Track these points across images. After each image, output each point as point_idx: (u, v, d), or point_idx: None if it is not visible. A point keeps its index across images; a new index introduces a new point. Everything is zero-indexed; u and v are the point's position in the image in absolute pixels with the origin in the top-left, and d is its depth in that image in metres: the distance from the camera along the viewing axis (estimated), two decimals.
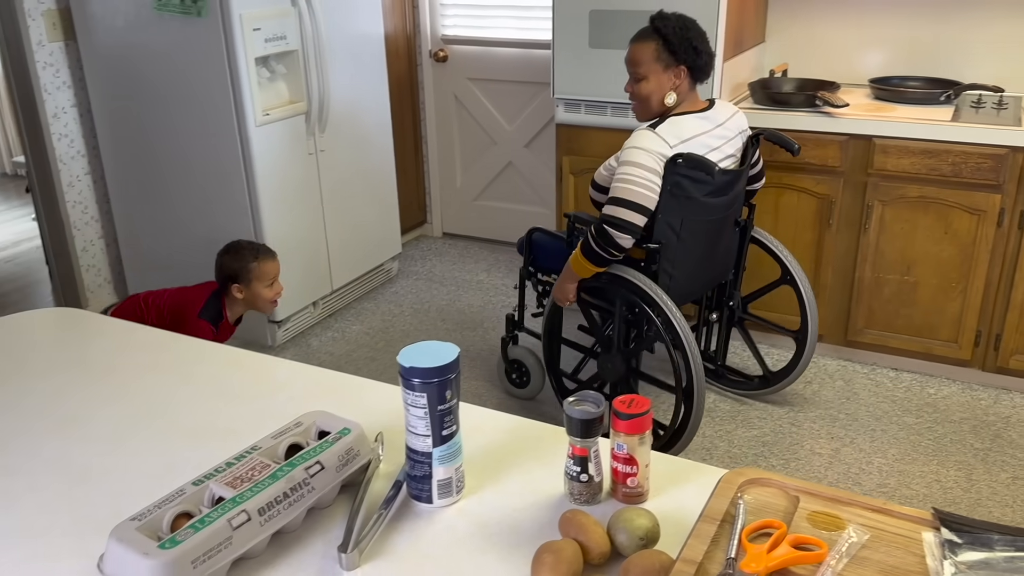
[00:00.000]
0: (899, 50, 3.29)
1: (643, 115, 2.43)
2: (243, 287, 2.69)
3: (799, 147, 2.54)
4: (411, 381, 1.03)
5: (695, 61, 2.33)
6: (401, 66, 4.20)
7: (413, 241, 4.55)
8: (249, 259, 2.68)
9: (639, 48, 2.37)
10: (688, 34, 2.32)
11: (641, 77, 2.37)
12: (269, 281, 2.72)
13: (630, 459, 1.09)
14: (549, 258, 2.78)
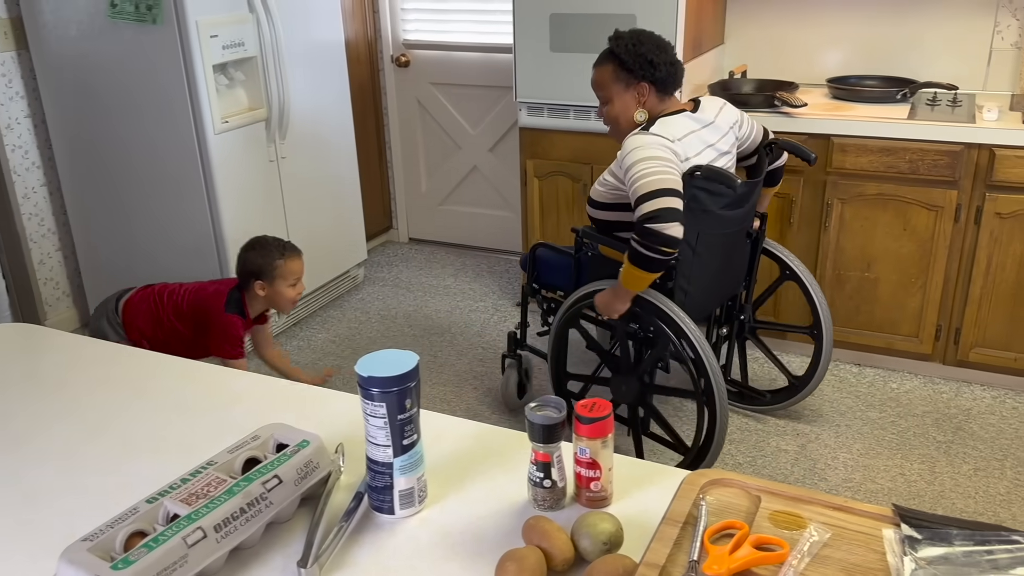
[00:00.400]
0: (856, 50, 3.33)
1: (618, 136, 2.37)
2: (266, 284, 2.61)
3: (816, 156, 2.48)
4: (370, 391, 1.02)
5: (654, 75, 2.28)
6: (363, 71, 4.17)
7: (379, 247, 4.52)
8: (275, 256, 2.60)
9: (599, 72, 2.34)
10: (641, 49, 2.27)
11: (606, 100, 2.35)
12: (293, 280, 2.64)
13: (593, 463, 1.08)
14: (554, 274, 2.69)
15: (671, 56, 2.30)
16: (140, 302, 2.63)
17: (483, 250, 4.43)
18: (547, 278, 2.72)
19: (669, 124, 2.25)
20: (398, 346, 3.46)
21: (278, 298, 2.65)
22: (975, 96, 3.12)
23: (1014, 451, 2.67)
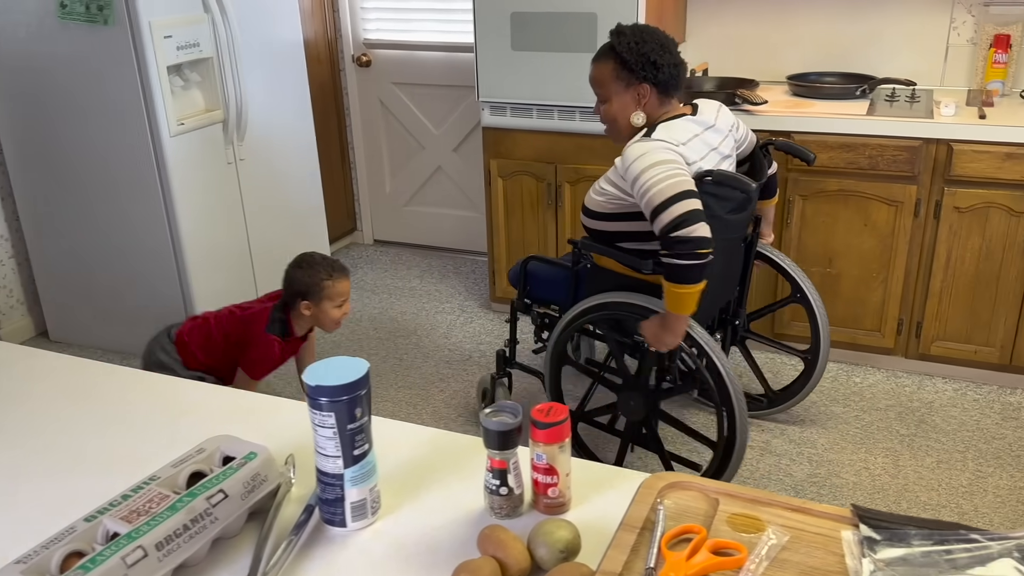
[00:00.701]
0: (815, 46, 3.35)
1: (615, 137, 2.28)
2: (312, 304, 2.54)
3: (815, 156, 2.45)
4: (318, 400, 0.99)
5: (656, 76, 2.15)
6: (323, 72, 4.12)
7: (344, 249, 4.47)
8: (322, 276, 2.53)
9: (598, 68, 2.22)
10: (644, 48, 2.13)
11: (604, 99, 2.23)
12: (340, 301, 2.57)
13: (550, 469, 1.06)
14: (548, 288, 2.57)
15: (675, 56, 2.17)
16: (191, 332, 2.59)
17: (449, 251, 4.40)
18: (540, 293, 2.60)
19: (672, 128, 2.15)
20: (363, 349, 3.42)
21: (323, 318, 2.58)
22: (933, 91, 3.15)
23: (975, 443, 2.70)
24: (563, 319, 2.40)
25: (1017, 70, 3.11)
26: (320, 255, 2.61)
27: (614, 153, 3.19)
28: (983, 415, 2.84)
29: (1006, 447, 2.67)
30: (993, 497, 2.45)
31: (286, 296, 2.59)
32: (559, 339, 2.44)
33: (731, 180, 2.11)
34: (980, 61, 3.13)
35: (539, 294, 2.61)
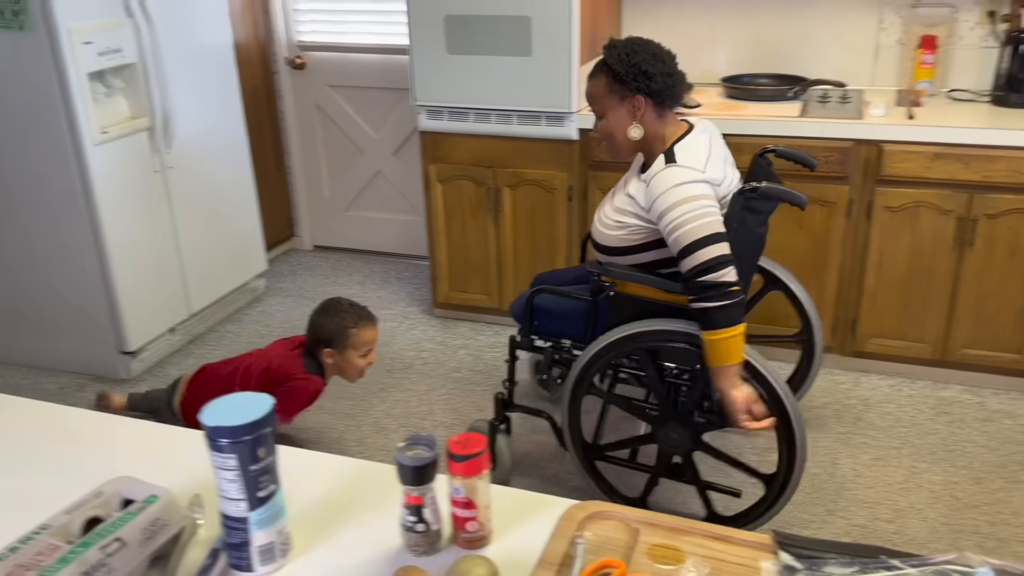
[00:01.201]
0: (749, 48, 3.37)
1: (614, 154, 2.19)
2: (335, 352, 2.44)
3: (817, 162, 2.37)
4: (218, 442, 0.94)
5: (649, 86, 2.06)
6: (255, 75, 4.02)
7: (281, 256, 4.38)
8: (348, 323, 2.43)
9: (592, 85, 2.14)
10: (635, 59, 2.06)
11: (601, 114, 2.15)
12: (365, 350, 2.47)
13: (468, 503, 1.03)
14: (560, 322, 2.38)
15: (669, 67, 2.09)
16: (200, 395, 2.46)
17: (391, 256, 4.33)
18: (551, 327, 2.40)
19: (689, 149, 2.06)
20: None
21: (347, 367, 2.49)
22: (863, 92, 3.19)
23: (911, 439, 2.74)
24: (588, 353, 2.20)
25: (944, 70, 3.17)
26: (347, 301, 2.50)
27: (553, 156, 3.17)
28: (917, 411, 2.89)
29: (939, 442, 2.72)
30: (928, 493, 2.49)
31: (309, 343, 2.48)
32: (581, 375, 2.23)
33: (782, 194, 2.00)
34: (908, 62, 3.18)
35: (550, 328, 2.39)
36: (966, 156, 2.71)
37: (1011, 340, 2.88)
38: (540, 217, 3.28)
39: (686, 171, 2.01)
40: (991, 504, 2.43)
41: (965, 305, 2.88)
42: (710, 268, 1.96)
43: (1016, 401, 2.92)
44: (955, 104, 3.01)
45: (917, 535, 2.32)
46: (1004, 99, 2.93)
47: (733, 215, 2.03)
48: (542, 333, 2.41)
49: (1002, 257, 2.79)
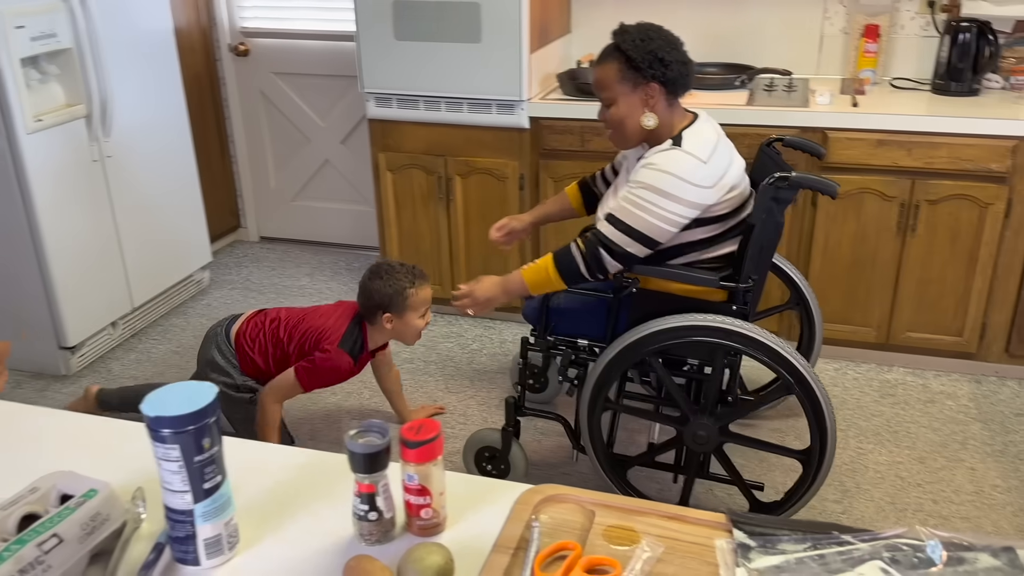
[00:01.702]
0: (697, 37, 3.39)
1: (622, 143, 2.13)
2: (394, 316, 2.36)
3: (825, 151, 2.35)
4: (160, 432, 0.90)
5: (664, 74, 2.00)
6: (198, 62, 3.92)
7: (227, 248, 4.28)
8: (405, 284, 2.34)
9: (602, 70, 2.06)
10: (651, 45, 1.99)
11: (610, 102, 2.07)
12: (424, 310, 2.39)
13: (422, 490, 1.01)
14: (578, 321, 2.29)
15: (683, 54, 2.04)
16: (254, 334, 2.45)
17: (340, 247, 4.27)
18: (568, 327, 2.30)
19: (698, 136, 2.03)
20: None
21: (406, 331, 2.40)
22: (808, 80, 3.23)
23: (856, 421, 2.79)
24: (609, 353, 2.12)
25: (887, 59, 3.23)
26: (398, 262, 2.43)
27: (504, 145, 3.15)
28: (863, 393, 2.95)
29: (884, 423, 2.78)
30: (873, 473, 2.54)
31: (364, 311, 2.40)
32: (603, 378, 2.15)
33: (814, 183, 1.98)
34: (852, 50, 3.23)
35: (567, 329, 2.31)
36: (908, 143, 2.76)
37: (952, 323, 2.95)
38: (492, 206, 3.26)
39: (686, 158, 1.98)
40: (934, 483, 2.49)
41: (908, 290, 2.95)
42: (613, 252, 2.02)
43: (957, 383, 3.00)
44: (897, 92, 3.07)
45: (864, 514, 2.37)
46: (944, 87, 3.00)
47: (762, 206, 1.98)
48: (558, 334, 2.32)
49: (943, 242, 2.86)
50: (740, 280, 2.07)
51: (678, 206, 1.99)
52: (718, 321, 2.05)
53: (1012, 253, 2.83)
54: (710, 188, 2.01)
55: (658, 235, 2.02)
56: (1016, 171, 2.73)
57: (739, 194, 2.09)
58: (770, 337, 2.04)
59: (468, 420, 2.83)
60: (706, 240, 2.10)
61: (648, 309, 2.14)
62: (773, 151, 2.33)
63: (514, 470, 2.43)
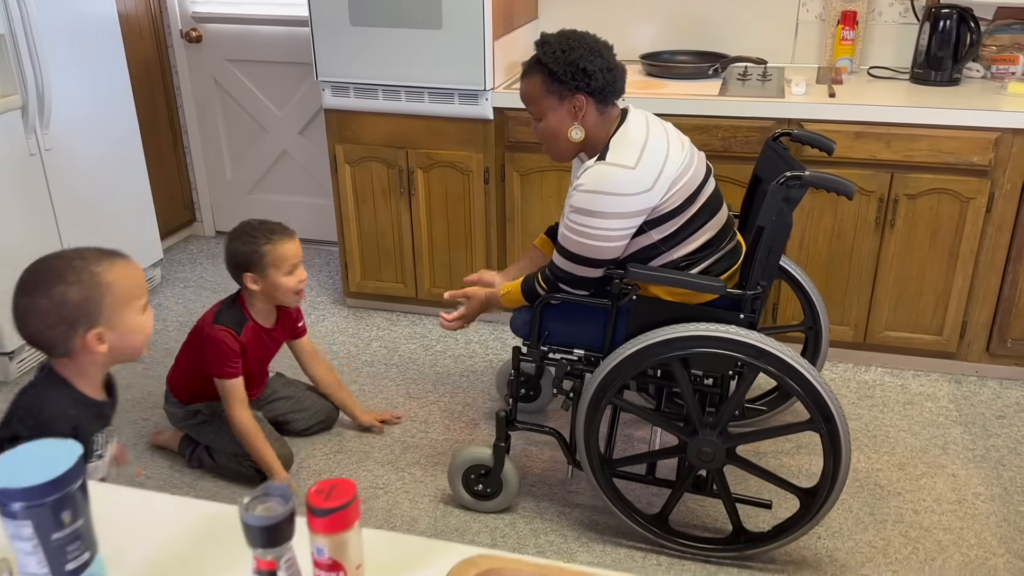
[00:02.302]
0: (669, 23, 3.25)
1: (557, 156, 2.06)
2: (257, 276, 2.26)
3: (835, 145, 2.22)
4: (9, 507, 0.75)
5: (589, 85, 1.93)
6: (147, 49, 3.72)
7: (181, 243, 4.10)
8: (260, 241, 2.25)
9: (527, 85, 2.01)
10: (572, 56, 1.92)
11: (539, 116, 2.02)
12: (289, 267, 2.27)
13: (334, 565, 0.87)
14: (573, 330, 2.15)
15: (608, 60, 1.96)
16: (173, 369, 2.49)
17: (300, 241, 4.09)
18: (562, 337, 2.17)
19: (623, 141, 1.94)
20: None
21: (276, 291, 2.29)
22: (784, 69, 3.10)
23: None
24: (609, 364, 2.00)
25: (864, 47, 3.10)
26: (257, 220, 2.33)
27: (468, 137, 3.00)
28: (840, 395, 2.84)
29: (862, 427, 2.67)
30: (852, 481, 2.43)
31: (232, 275, 2.32)
32: (602, 389, 2.03)
33: (829, 183, 1.87)
34: (829, 38, 3.10)
35: (562, 338, 2.17)
36: (887, 135, 2.64)
37: (932, 322, 2.85)
38: (456, 201, 3.11)
39: (612, 170, 1.91)
40: (914, 491, 2.39)
41: (886, 287, 2.84)
42: (568, 281, 2.04)
43: (936, 383, 2.90)
44: (875, 82, 2.95)
45: (842, 526, 2.26)
46: (924, 77, 2.88)
47: (772, 208, 1.87)
48: (551, 343, 2.19)
49: (922, 238, 2.75)
50: (748, 287, 1.95)
51: (616, 221, 1.92)
52: (743, 336, 1.90)
53: (994, 249, 2.72)
54: (647, 191, 1.91)
55: (605, 255, 1.97)
56: (998, 164, 2.62)
57: (687, 184, 1.97)
58: (801, 362, 1.90)
59: (430, 428, 2.69)
60: (668, 238, 1.99)
61: (650, 318, 2.01)
62: (780, 146, 2.21)
63: (506, 489, 2.28)
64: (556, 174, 2.96)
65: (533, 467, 2.51)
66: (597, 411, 2.06)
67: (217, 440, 2.45)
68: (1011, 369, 2.89)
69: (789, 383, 1.91)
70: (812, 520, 2.02)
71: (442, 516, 2.30)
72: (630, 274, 1.97)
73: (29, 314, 1.37)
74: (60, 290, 1.35)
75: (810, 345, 2.54)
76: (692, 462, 2.05)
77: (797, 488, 2.05)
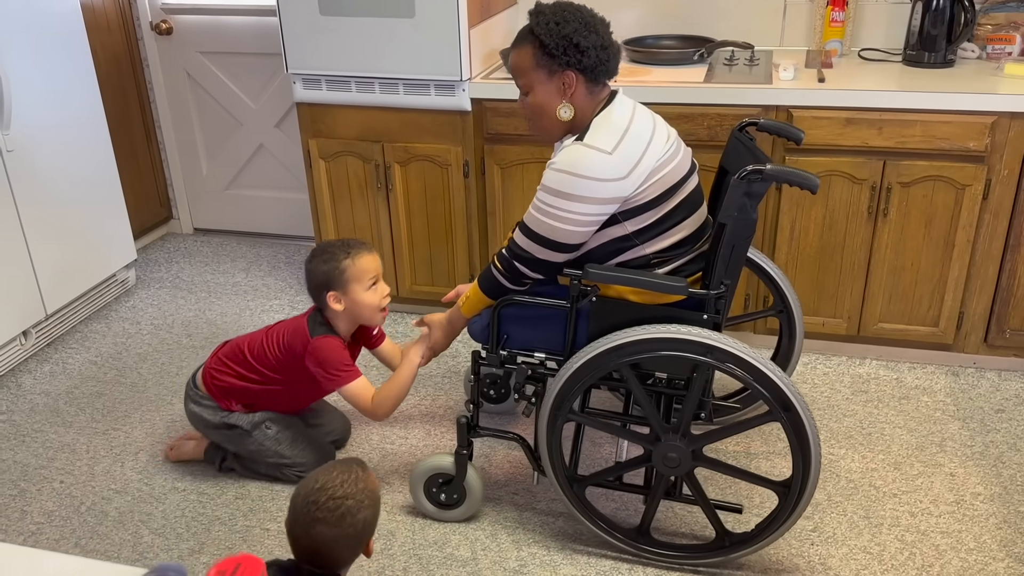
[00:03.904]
0: (653, 6, 3.13)
1: (542, 134, 1.97)
2: (339, 294, 2.19)
3: (804, 134, 2.15)
4: None
5: (581, 61, 1.84)
6: (115, 42, 3.60)
7: (158, 242, 3.99)
8: (340, 257, 2.18)
9: (516, 55, 1.91)
10: (566, 29, 1.83)
11: (527, 89, 1.92)
12: (370, 281, 2.20)
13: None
14: (532, 333, 2.08)
15: (603, 38, 1.87)
16: (218, 367, 2.33)
17: (279, 237, 4.00)
18: (522, 340, 2.10)
19: (605, 124, 1.86)
20: (173, 361, 3.01)
21: (360, 308, 2.21)
22: (772, 53, 2.99)
23: (827, 423, 2.60)
24: (568, 369, 1.93)
25: (855, 28, 2.99)
26: (337, 240, 2.28)
27: (445, 129, 2.89)
28: (833, 390, 2.75)
29: (856, 425, 2.59)
30: (846, 482, 2.35)
31: (313, 297, 2.26)
32: (562, 395, 1.96)
33: (791, 177, 1.77)
34: (818, 20, 2.99)
35: (521, 342, 2.10)
36: (879, 121, 2.54)
37: (928, 313, 2.76)
38: (435, 195, 3.01)
39: (588, 152, 1.83)
40: (911, 492, 2.31)
41: (880, 278, 2.74)
42: (526, 261, 1.93)
43: (933, 375, 2.81)
44: (867, 65, 2.84)
45: (837, 531, 2.18)
46: (917, 58, 2.77)
47: (733, 203, 1.78)
48: (511, 348, 2.11)
49: (917, 227, 2.65)
50: (711, 286, 1.86)
51: (586, 206, 1.83)
52: (693, 334, 1.83)
53: (991, 237, 2.63)
54: (621, 179, 1.82)
55: (569, 239, 1.87)
56: (995, 150, 2.52)
57: (666, 176, 1.87)
58: (752, 353, 1.83)
59: (409, 433, 2.60)
60: (643, 231, 1.90)
61: (609, 319, 1.93)
62: (746, 137, 2.11)
63: (470, 497, 2.20)
64: (537, 166, 2.86)
65: (504, 471, 2.43)
66: (558, 420, 1.98)
67: (256, 453, 2.35)
68: (1010, 360, 2.80)
69: (743, 375, 1.83)
70: (793, 513, 1.94)
71: (420, 529, 2.22)
72: (588, 275, 1.88)
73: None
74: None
75: (784, 327, 2.46)
76: (660, 469, 1.98)
77: (772, 482, 1.97)
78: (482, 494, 2.22)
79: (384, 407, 2.21)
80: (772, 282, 2.41)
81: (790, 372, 2.50)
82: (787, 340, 2.47)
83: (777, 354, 2.51)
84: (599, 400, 2.70)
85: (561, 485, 2.07)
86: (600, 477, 2.10)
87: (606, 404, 2.69)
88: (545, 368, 2.11)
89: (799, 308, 2.42)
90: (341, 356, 2.21)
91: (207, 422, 2.35)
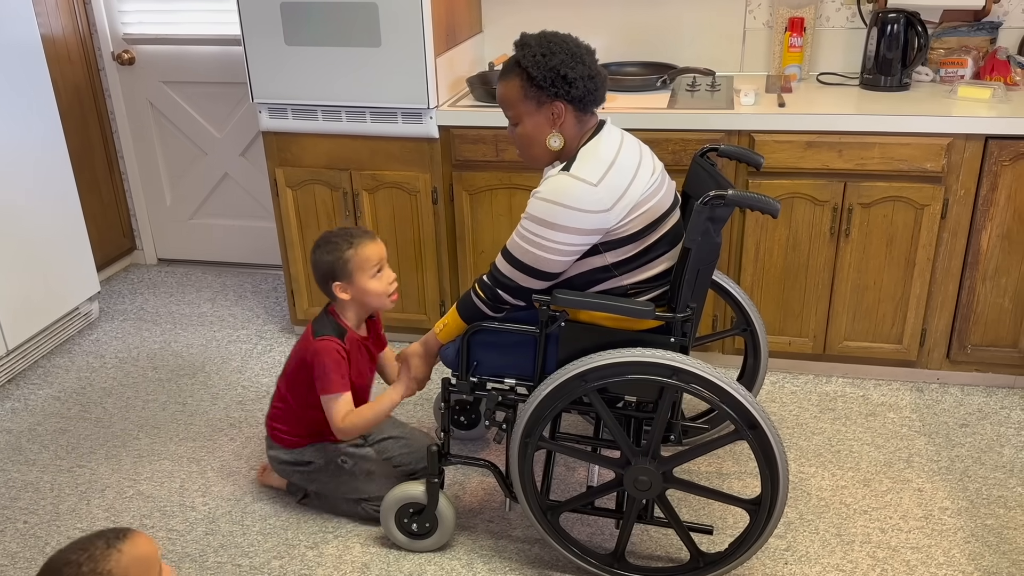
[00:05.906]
0: (616, 34, 3.18)
1: (531, 162, 1.99)
2: (344, 284, 2.17)
3: (763, 160, 2.18)
4: None
5: (569, 92, 1.86)
6: (77, 72, 3.56)
7: (121, 273, 3.94)
8: (343, 246, 2.16)
9: (504, 87, 1.93)
10: (553, 61, 1.84)
11: (516, 120, 1.94)
12: (374, 268, 2.17)
13: None
14: (503, 359, 2.07)
15: (590, 67, 1.88)
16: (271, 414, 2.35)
17: (245, 266, 3.97)
18: (492, 366, 2.09)
19: (592, 155, 1.87)
20: (139, 395, 2.96)
21: (366, 296, 2.19)
22: (733, 78, 3.05)
23: (797, 441, 2.63)
24: (538, 395, 1.94)
25: (813, 53, 3.07)
26: (339, 229, 2.25)
27: (413, 156, 2.90)
28: (801, 408, 2.79)
29: (825, 442, 2.62)
30: (817, 500, 2.37)
31: (321, 289, 2.24)
32: (532, 422, 1.96)
33: (753, 202, 1.78)
34: (777, 45, 3.06)
35: (491, 368, 2.09)
36: (839, 144, 2.60)
37: (891, 331, 2.81)
38: (404, 222, 3.01)
39: (573, 184, 1.83)
40: (880, 508, 2.34)
41: (844, 297, 2.79)
42: (509, 289, 1.94)
43: (898, 392, 2.86)
44: (825, 89, 2.91)
45: (808, 550, 2.20)
46: (874, 82, 2.85)
47: (696, 228, 1.79)
48: (481, 374, 2.11)
49: (878, 246, 2.71)
50: (678, 309, 1.88)
51: (568, 236, 1.84)
52: (657, 357, 1.85)
53: (950, 256, 2.69)
54: (605, 211, 1.83)
55: (549, 267, 1.88)
56: (951, 170, 2.59)
57: (651, 210, 1.90)
58: (716, 374, 1.85)
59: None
60: (623, 263, 1.91)
61: (578, 344, 1.94)
62: (707, 162, 2.13)
63: (442, 526, 2.18)
64: (506, 192, 2.88)
65: (478, 499, 2.42)
66: (528, 448, 1.98)
67: (335, 489, 2.32)
68: (972, 375, 2.86)
69: (709, 396, 1.86)
70: (765, 531, 1.96)
71: (395, 561, 2.19)
72: (556, 300, 1.89)
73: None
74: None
75: (749, 347, 2.49)
76: (631, 493, 1.98)
77: (742, 501, 1.98)
78: (454, 523, 2.20)
79: (352, 429, 2.19)
80: (735, 302, 2.44)
81: (756, 391, 2.53)
82: (752, 359, 2.50)
83: (743, 374, 2.54)
84: (571, 423, 2.70)
85: (534, 512, 2.06)
86: (572, 504, 2.10)
87: (578, 427, 2.70)
88: (516, 394, 2.11)
89: (763, 327, 2.45)
90: (337, 364, 2.18)
91: (280, 464, 2.34)
